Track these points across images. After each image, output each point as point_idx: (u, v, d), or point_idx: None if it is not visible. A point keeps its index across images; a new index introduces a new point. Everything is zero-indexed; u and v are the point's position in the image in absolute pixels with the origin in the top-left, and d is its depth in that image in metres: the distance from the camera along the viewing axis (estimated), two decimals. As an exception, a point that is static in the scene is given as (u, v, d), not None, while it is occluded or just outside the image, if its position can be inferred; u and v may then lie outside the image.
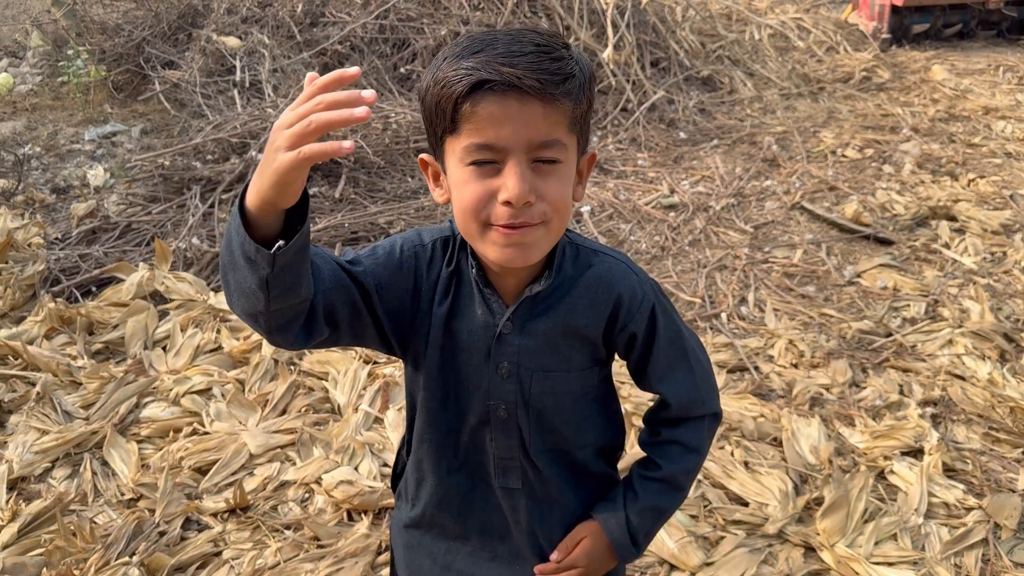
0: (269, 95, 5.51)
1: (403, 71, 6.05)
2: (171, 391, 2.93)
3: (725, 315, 3.53)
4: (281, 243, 0.92)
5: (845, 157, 5.38)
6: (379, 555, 2.28)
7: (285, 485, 2.56)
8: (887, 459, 2.63)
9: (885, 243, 4.21)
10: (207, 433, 2.76)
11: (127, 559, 2.23)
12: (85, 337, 3.27)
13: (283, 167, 0.87)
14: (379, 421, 2.82)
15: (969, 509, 2.45)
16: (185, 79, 5.91)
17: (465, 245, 1.17)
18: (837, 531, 2.33)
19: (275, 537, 2.35)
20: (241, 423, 2.80)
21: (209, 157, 4.62)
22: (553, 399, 1.21)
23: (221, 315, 3.35)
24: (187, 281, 3.56)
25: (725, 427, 2.79)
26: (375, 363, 3.08)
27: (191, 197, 4.31)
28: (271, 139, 0.90)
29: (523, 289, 1.16)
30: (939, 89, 6.81)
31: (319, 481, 2.53)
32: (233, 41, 6.10)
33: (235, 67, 5.85)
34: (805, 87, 6.89)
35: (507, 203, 1.02)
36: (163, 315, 3.40)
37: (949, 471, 2.61)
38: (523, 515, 1.26)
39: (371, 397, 2.90)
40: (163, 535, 2.34)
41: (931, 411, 2.89)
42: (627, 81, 6.14)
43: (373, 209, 4.34)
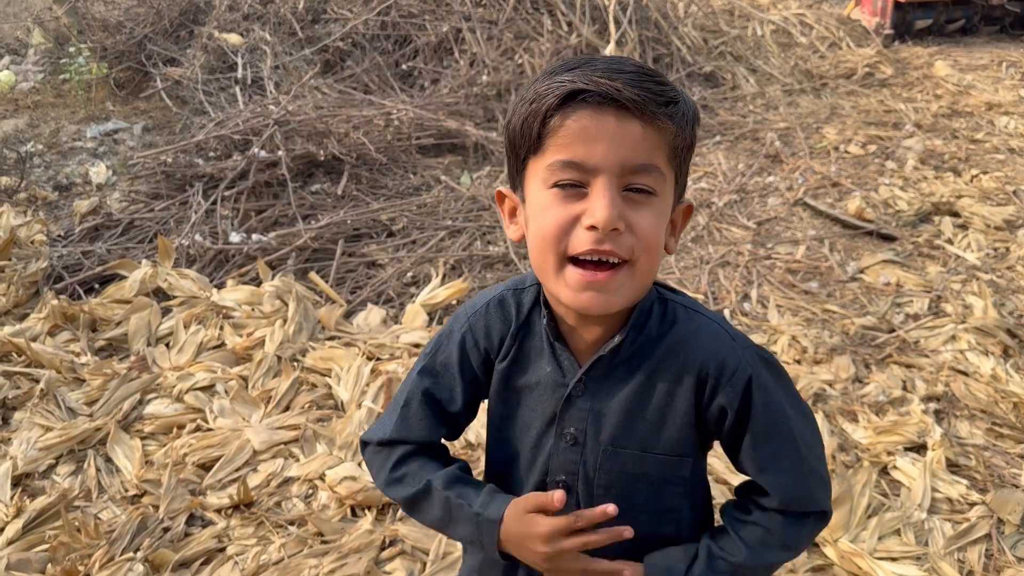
0: (271, 92, 5.51)
1: (405, 68, 6.05)
2: (174, 388, 2.94)
3: (728, 311, 3.52)
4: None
5: (848, 153, 5.37)
6: (383, 550, 2.29)
7: (289, 481, 2.56)
8: (890, 455, 2.63)
9: (888, 239, 4.20)
10: (210, 430, 2.77)
11: (131, 555, 2.24)
12: (88, 334, 3.27)
13: None
14: (382, 417, 2.82)
15: (972, 504, 2.45)
16: (187, 76, 5.91)
17: (539, 298, 1.06)
18: (840, 526, 2.33)
19: (279, 533, 2.36)
20: (244, 419, 2.81)
21: (211, 154, 4.62)
22: (623, 482, 1.05)
23: (224, 312, 3.36)
24: (190, 278, 3.57)
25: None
26: (378, 359, 3.08)
27: (194, 194, 4.32)
28: (534, 554, 1.04)
29: (599, 345, 1.03)
30: (942, 85, 6.79)
31: (323, 477, 2.54)
32: (235, 38, 6.10)
33: (237, 64, 5.86)
34: (808, 83, 6.87)
35: (592, 228, 0.91)
36: (166, 312, 3.40)
37: (952, 466, 2.61)
38: None
39: (374, 393, 2.90)
40: (167, 531, 2.35)
41: (934, 407, 2.89)
42: (629, 77, 6.12)
43: (375, 206, 4.34)
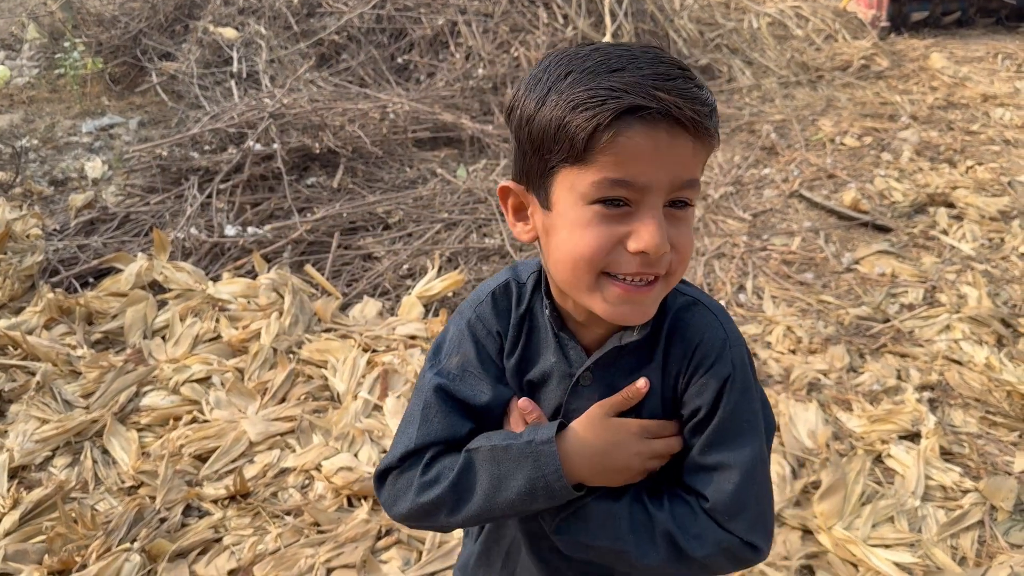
0: (266, 86, 5.51)
1: (400, 61, 6.05)
2: (170, 380, 2.94)
3: (724, 302, 3.53)
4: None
5: (843, 145, 5.37)
6: (378, 540, 2.29)
7: (285, 472, 2.57)
8: (884, 443, 2.65)
9: (883, 230, 4.21)
10: (207, 421, 2.77)
11: (128, 545, 2.25)
12: (84, 327, 3.28)
13: (636, 479, 1.02)
14: (378, 408, 2.83)
15: (966, 492, 2.46)
16: (182, 71, 5.90)
17: (539, 287, 1.06)
18: (835, 514, 2.34)
19: (275, 523, 2.36)
20: (241, 411, 2.81)
21: (207, 147, 4.62)
22: None
23: (220, 304, 3.36)
24: (185, 271, 3.57)
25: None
26: (374, 351, 3.09)
27: (189, 187, 4.31)
28: (626, 456, 1.00)
29: (608, 337, 1.02)
30: (938, 77, 6.80)
31: (319, 468, 2.54)
32: (230, 32, 6.09)
33: (232, 58, 5.85)
34: (804, 75, 6.88)
35: (641, 253, 0.89)
36: (162, 305, 3.40)
37: (946, 454, 2.62)
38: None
39: (370, 385, 2.90)
40: (164, 521, 2.35)
41: (928, 395, 2.90)
42: (625, 70, 6.12)
43: (371, 199, 4.34)
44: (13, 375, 2.98)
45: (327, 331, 3.26)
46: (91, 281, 3.66)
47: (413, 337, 3.17)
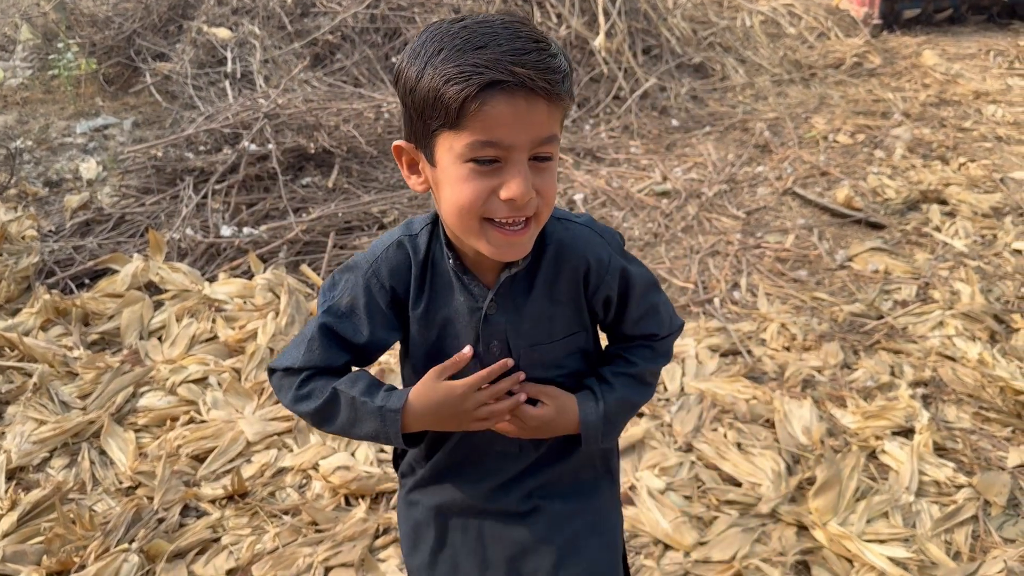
0: (260, 86, 5.51)
1: (394, 60, 6.04)
2: (167, 380, 2.95)
3: (718, 300, 3.55)
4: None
5: (836, 142, 5.40)
6: (376, 538, 2.30)
7: (283, 471, 2.58)
8: (878, 439, 2.66)
9: (876, 227, 4.23)
10: (204, 421, 2.78)
11: (126, 546, 2.25)
12: (81, 328, 3.28)
13: (472, 428, 1.22)
14: (375, 408, 2.84)
15: (959, 487, 2.48)
16: (176, 71, 5.90)
17: (437, 236, 1.20)
18: (829, 510, 2.36)
19: (273, 522, 2.37)
20: (238, 411, 2.82)
21: (202, 148, 4.62)
22: (542, 368, 1.26)
23: (216, 305, 3.36)
24: (181, 271, 3.57)
25: (718, 409, 2.81)
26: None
27: (184, 188, 4.32)
28: (454, 413, 1.19)
29: (500, 269, 1.20)
30: (930, 74, 6.83)
31: (316, 467, 2.55)
32: (224, 32, 6.09)
33: (226, 58, 5.85)
34: (796, 73, 6.90)
35: (510, 200, 1.04)
36: (158, 305, 3.41)
37: (940, 450, 2.64)
38: (514, 471, 1.33)
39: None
40: (162, 522, 2.36)
41: (922, 391, 2.92)
42: (619, 69, 6.14)
43: (366, 198, 4.35)
44: (10, 376, 2.98)
45: (323, 331, 3.27)
46: (87, 282, 3.67)
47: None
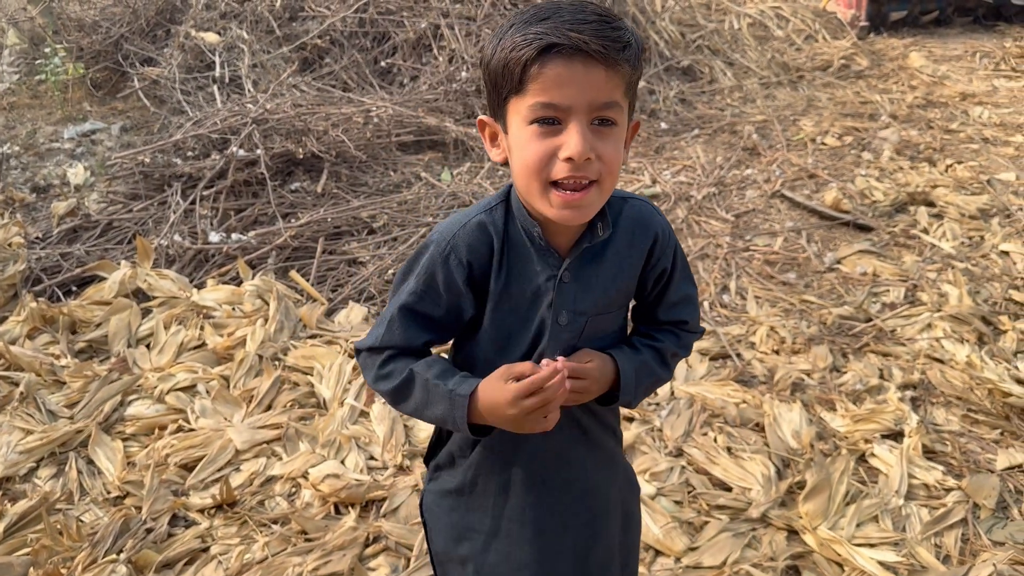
0: (249, 90, 5.49)
1: (384, 65, 6.04)
2: (155, 388, 2.93)
3: (707, 303, 3.55)
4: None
5: (824, 145, 5.41)
6: (367, 547, 2.30)
7: (272, 480, 2.57)
8: (868, 442, 2.67)
9: (864, 229, 4.25)
10: (192, 430, 2.77)
11: (114, 556, 2.24)
12: (68, 336, 3.26)
13: (527, 431, 1.23)
14: (365, 415, 2.83)
15: (949, 490, 2.49)
16: (164, 76, 5.87)
17: (511, 211, 1.26)
18: (819, 514, 2.36)
19: (262, 532, 2.36)
20: (226, 419, 2.81)
21: (190, 153, 4.60)
22: (597, 338, 1.32)
23: (204, 312, 3.35)
24: (169, 278, 3.55)
25: (708, 413, 2.82)
26: (360, 357, 3.09)
27: (172, 194, 4.30)
28: (507, 418, 1.20)
29: (573, 241, 1.25)
30: (917, 76, 6.86)
31: (306, 475, 2.54)
32: (212, 37, 6.06)
33: (214, 63, 5.83)
34: (784, 76, 6.92)
35: (568, 159, 1.10)
36: (146, 313, 3.39)
37: (929, 453, 2.65)
38: (563, 441, 1.37)
39: (356, 391, 2.90)
40: (150, 532, 2.35)
41: (911, 394, 2.93)
42: (608, 72, 6.14)
43: (356, 203, 4.34)
44: (-4, 386, 2.96)
45: (312, 337, 3.26)
46: (74, 290, 3.64)
47: (399, 342, 3.17)
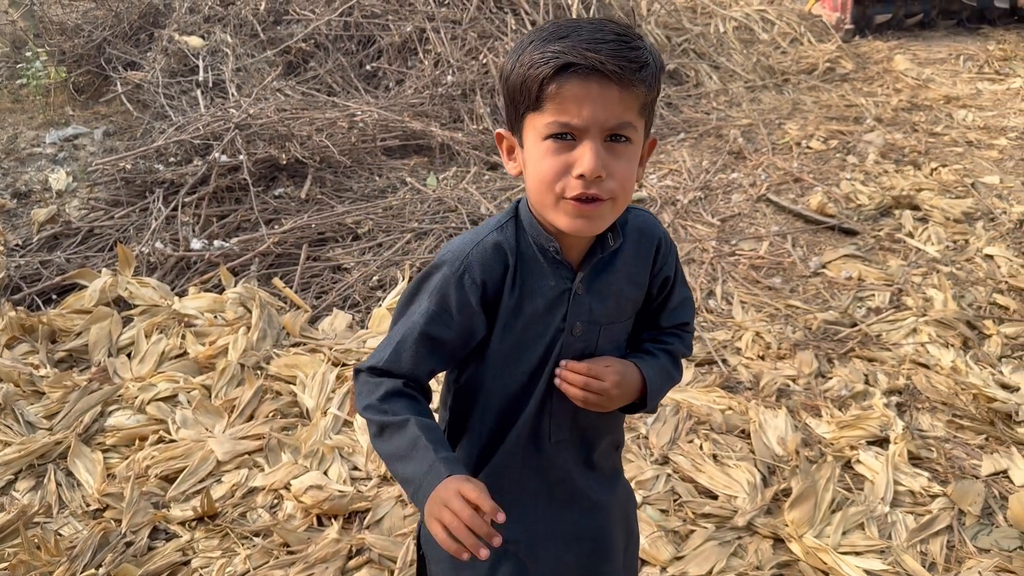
0: (233, 94, 5.45)
1: (369, 69, 6.01)
2: (136, 399, 2.90)
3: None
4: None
5: (810, 148, 5.42)
6: (350, 559, 2.27)
7: (253, 491, 2.54)
8: (853, 449, 2.66)
9: (850, 233, 4.25)
10: (173, 441, 2.73)
11: (93, 571, 2.21)
12: (47, 345, 3.22)
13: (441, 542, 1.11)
14: (348, 424, 2.81)
15: (934, 496, 2.48)
16: (147, 80, 5.82)
17: (521, 227, 1.26)
18: (805, 522, 2.35)
19: (244, 544, 2.33)
20: (208, 430, 2.78)
21: (172, 159, 4.57)
22: (610, 348, 1.33)
23: (186, 320, 3.32)
24: (151, 286, 3.52)
25: (694, 420, 2.81)
26: (344, 365, 3.06)
27: (154, 200, 4.26)
28: (432, 510, 1.10)
29: (585, 252, 1.26)
30: (901, 79, 6.89)
31: (288, 487, 2.51)
32: (195, 41, 6.02)
33: (198, 67, 5.79)
34: (770, 79, 6.93)
35: (581, 176, 1.11)
36: (127, 321, 3.35)
37: (914, 459, 2.64)
38: (569, 460, 1.36)
39: (340, 400, 2.88)
40: (130, 545, 2.31)
41: (896, 400, 2.93)
42: (593, 76, 6.13)
43: (340, 209, 4.31)
44: (-26, 397, 2.92)
45: (296, 345, 3.23)
46: (54, 298, 3.60)
47: (383, 350, 3.14)
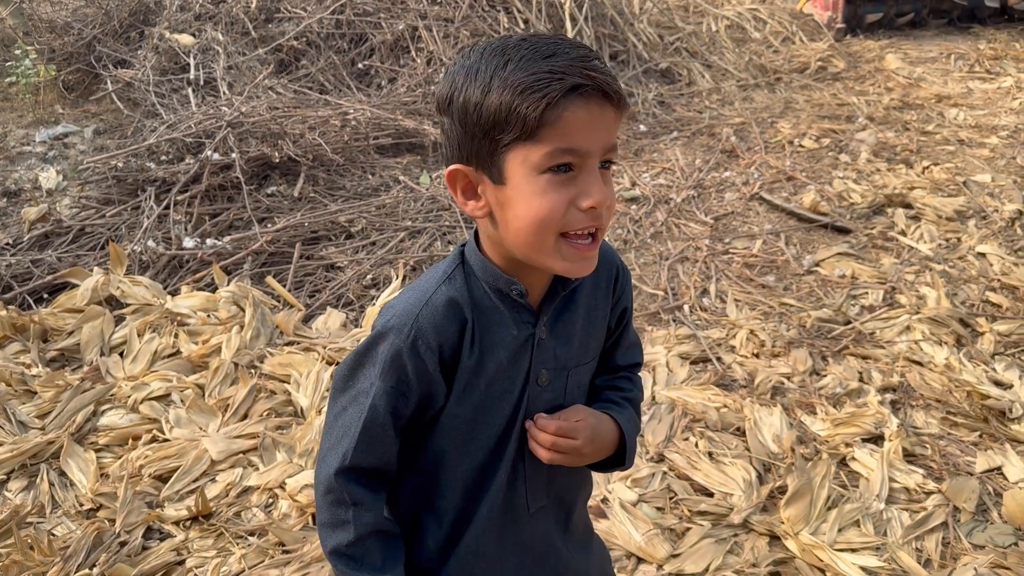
0: (224, 93, 5.43)
1: (361, 67, 6.00)
2: (129, 398, 2.88)
3: (687, 307, 3.55)
4: None
5: (802, 147, 5.43)
6: (345, 558, 2.26)
7: (248, 491, 2.52)
8: (848, 446, 2.67)
9: (843, 232, 4.26)
10: (167, 440, 2.72)
11: (87, 571, 2.19)
12: (39, 345, 3.20)
13: None
14: (343, 423, 2.79)
15: (929, 493, 2.49)
16: (138, 78, 5.80)
17: (472, 275, 1.11)
18: (801, 519, 2.35)
19: (239, 544, 2.32)
20: (202, 429, 2.76)
21: (163, 158, 4.54)
22: (578, 392, 1.22)
23: (179, 319, 3.30)
24: (143, 285, 3.50)
25: (689, 418, 2.81)
26: (337, 364, 3.05)
27: (145, 199, 4.24)
28: None
29: (545, 292, 1.14)
30: (893, 78, 6.91)
31: (283, 486, 2.50)
32: (186, 38, 6.00)
33: (189, 65, 5.76)
34: (762, 78, 6.95)
35: (591, 208, 1.01)
36: (119, 320, 3.33)
37: (909, 456, 2.65)
38: (551, 529, 1.25)
39: (334, 398, 2.86)
40: (124, 545, 2.30)
41: (890, 397, 2.93)
42: (586, 74, 6.13)
43: (333, 207, 4.30)
44: (-35, 396, 2.90)
45: (289, 344, 3.22)
46: (46, 297, 3.58)
47: (377, 349, 3.13)
